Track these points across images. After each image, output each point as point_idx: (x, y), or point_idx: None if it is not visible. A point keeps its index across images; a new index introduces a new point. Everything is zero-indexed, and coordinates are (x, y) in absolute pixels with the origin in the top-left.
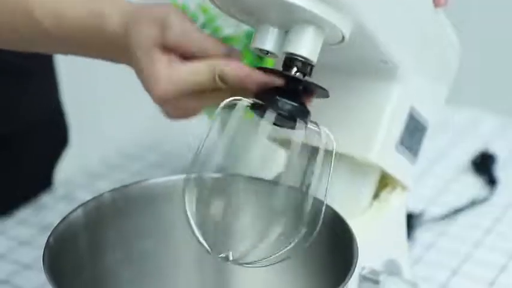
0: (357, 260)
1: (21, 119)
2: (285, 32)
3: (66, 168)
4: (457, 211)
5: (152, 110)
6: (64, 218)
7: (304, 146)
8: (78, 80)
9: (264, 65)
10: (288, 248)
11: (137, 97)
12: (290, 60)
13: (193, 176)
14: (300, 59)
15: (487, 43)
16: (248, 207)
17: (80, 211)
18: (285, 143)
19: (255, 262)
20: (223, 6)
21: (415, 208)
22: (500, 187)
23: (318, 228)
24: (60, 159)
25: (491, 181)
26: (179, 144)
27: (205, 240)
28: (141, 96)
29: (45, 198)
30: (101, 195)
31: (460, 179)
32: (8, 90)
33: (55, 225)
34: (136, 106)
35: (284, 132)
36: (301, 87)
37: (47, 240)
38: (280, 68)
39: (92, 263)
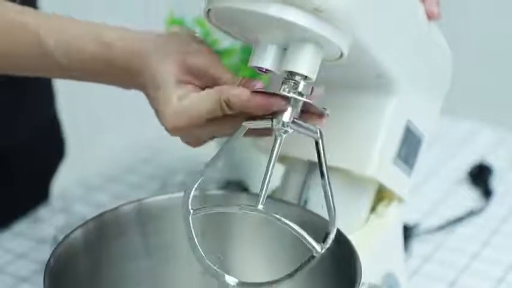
0: (360, 280)
1: (17, 131)
2: (284, 49)
3: (63, 181)
4: (454, 222)
5: (149, 122)
6: (63, 239)
7: (301, 161)
8: (75, 92)
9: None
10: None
11: (134, 109)
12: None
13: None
14: (299, 77)
15: (484, 55)
16: (250, 226)
17: (79, 231)
18: (281, 158)
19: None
20: (220, 25)
21: (413, 219)
22: (497, 199)
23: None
24: (56, 171)
25: (488, 193)
26: (176, 156)
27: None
28: (138, 108)
29: (42, 211)
30: (100, 214)
31: (457, 190)
32: (4, 102)
33: (52, 238)
34: (133, 118)
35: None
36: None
37: (48, 261)
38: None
39: (92, 283)
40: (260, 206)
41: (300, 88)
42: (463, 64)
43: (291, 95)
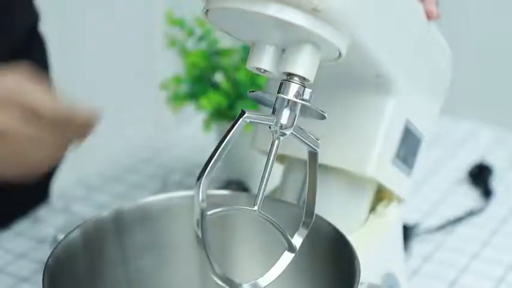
0: (359, 279)
1: None
2: (282, 50)
3: (62, 181)
4: (454, 222)
5: (149, 122)
6: (62, 239)
7: (300, 160)
8: (75, 92)
9: (259, 81)
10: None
11: (134, 110)
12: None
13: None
14: (298, 79)
15: (484, 55)
16: (249, 226)
17: (78, 231)
18: (280, 158)
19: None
20: (219, 25)
21: (413, 219)
22: (497, 199)
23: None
24: (56, 171)
25: (488, 193)
26: (175, 156)
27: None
28: (138, 109)
29: (42, 211)
30: (99, 215)
31: (457, 190)
32: None
33: (51, 238)
34: (133, 118)
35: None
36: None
37: (47, 261)
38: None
39: (91, 283)
40: (256, 208)
41: (304, 94)
42: (463, 64)
43: (289, 97)
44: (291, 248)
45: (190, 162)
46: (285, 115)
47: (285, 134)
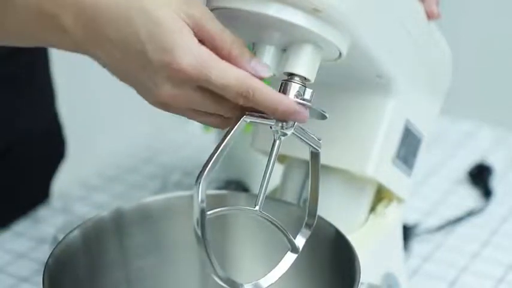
0: (359, 279)
1: (18, 132)
2: (282, 50)
3: (62, 181)
4: (454, 222)
5: (149, 122)
6: (62, 239)
7: (300, 160)
8: (75, 92)
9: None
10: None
11: (134, 109)
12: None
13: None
14: (298, 79)
15: (484, 55)
16: (249, 227)
17: (78, 231)
18: (281, 158)
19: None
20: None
21: (413, 219)
22: (497, 199)
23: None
24: (56, 171)
25: (488, 193)
26: (175, 156)
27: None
28: (138, 108)
29: (42, 211)
30: (99, 215)
31: (457, 190)
32: (5, 102)
33: (51, 238)
34: (133, 118)
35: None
36: None
37: (47, 262)
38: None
39: (91, 283)
40: (257, 208)
41: (305, 94)
42: (463, 64)
43: (292, 98)
44: (293, 248)
45: (190, 162)
46: None
47: (286, 134)
